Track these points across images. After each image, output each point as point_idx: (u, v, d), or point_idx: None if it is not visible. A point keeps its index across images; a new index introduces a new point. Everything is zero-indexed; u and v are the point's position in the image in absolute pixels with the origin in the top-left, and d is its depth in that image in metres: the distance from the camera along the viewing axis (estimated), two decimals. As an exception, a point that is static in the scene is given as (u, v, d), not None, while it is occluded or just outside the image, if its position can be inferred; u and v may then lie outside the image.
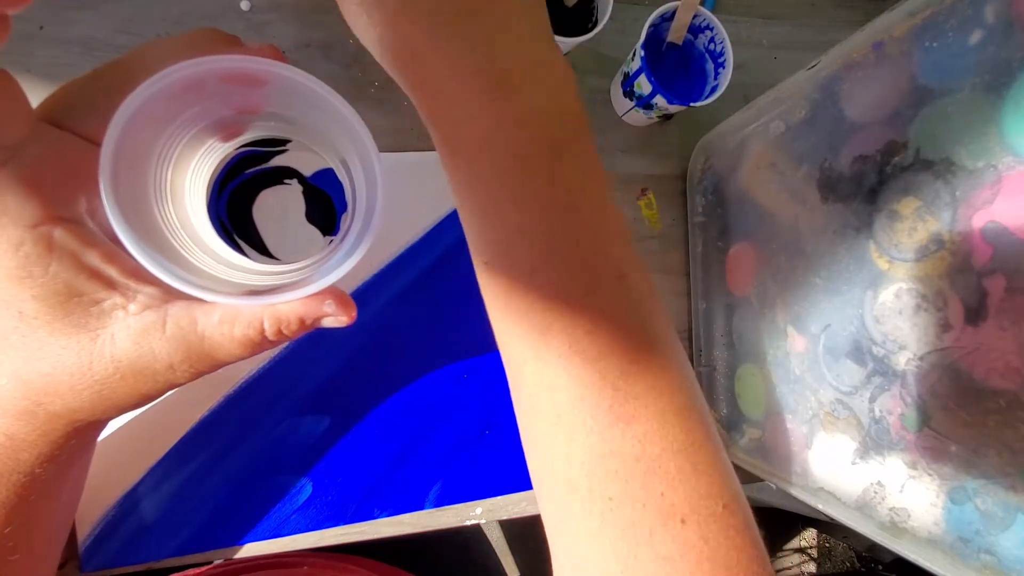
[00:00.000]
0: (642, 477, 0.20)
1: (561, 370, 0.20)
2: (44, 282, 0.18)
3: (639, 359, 0.20)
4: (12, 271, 0.17)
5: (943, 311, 0.26)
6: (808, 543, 1.40)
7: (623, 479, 0.20)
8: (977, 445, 0.25)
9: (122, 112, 0.17)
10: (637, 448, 0.20)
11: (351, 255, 0.20)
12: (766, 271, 0.39)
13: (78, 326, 0.19)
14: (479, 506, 0.41)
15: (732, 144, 0.43)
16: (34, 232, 0.17)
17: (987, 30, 0.24)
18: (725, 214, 0.44)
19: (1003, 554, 0.24)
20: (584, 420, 0.20)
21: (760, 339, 0.40)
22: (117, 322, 0.19)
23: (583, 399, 0.20)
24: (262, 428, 0.38)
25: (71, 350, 0.19)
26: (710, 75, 0.43)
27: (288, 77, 0.19)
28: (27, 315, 0.18)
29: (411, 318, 0.41)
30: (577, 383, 0.20)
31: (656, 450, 0.20)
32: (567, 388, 0.20)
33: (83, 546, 0.34)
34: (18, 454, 0.21)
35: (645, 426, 0.20)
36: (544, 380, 0.21)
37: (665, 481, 0.20)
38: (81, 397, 0.19)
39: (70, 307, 0.18)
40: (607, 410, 0.20)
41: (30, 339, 0.18)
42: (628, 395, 0.20)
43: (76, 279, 0.18)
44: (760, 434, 0.41)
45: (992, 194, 0.24)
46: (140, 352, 0.19)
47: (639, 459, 0.20)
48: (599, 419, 0.20)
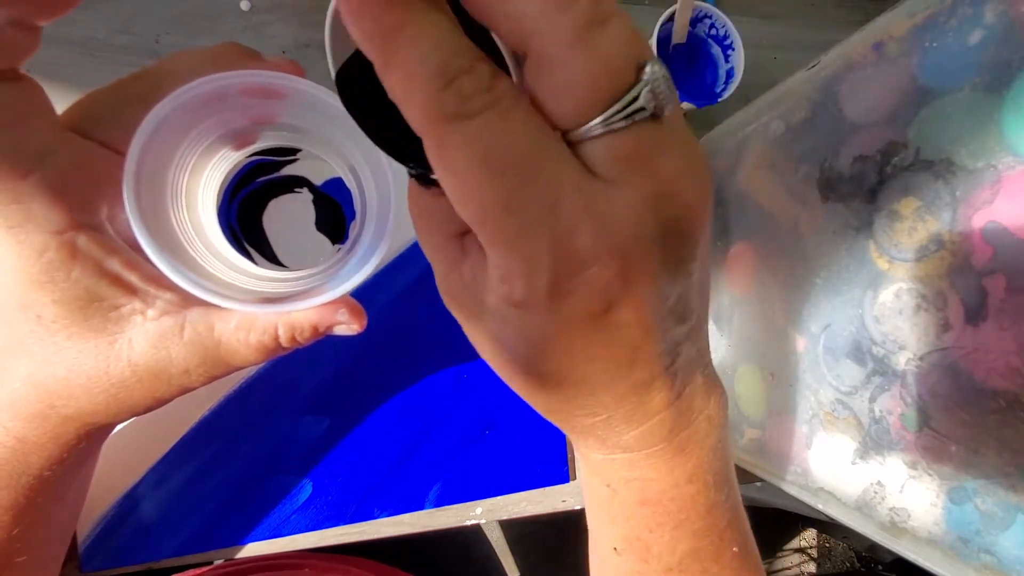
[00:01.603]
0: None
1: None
2: (66, 287, 0.18)
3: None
4: (35, 276, 0.18)
5: (943, 311, 0.26)
6: (808, 543, 1.40)
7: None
8: (977, 445, 0.25)
9: (147, 124, 0.18)
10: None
11: (366, 263, 0.21)
12: (766, 271, 0.39)
13: (97, 330, 0.19)
14: (479, 506, 0.41)
15: (732, 144, 0.43)
16: (58, 238, 0.18)
17: (987, 30, 0.24)
18: (725, 214, 0.44)
19: (1003, 554, 0.24)
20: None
21: (760, 339, 0.40)
22: (136, 327, 0.19)
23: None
24: (262, 428, 0.38)
25: (88, 354, 0.19)
26: (720, 60, 0.43)
27: (306, 91, 0.20)
28: (46, 319, 0.18)
29: (411, 318, 0.41)
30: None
31: None
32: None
33: (83, 546, 0.34)
34: (28, 457, 0.21)
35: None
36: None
37: None
38: (96, 400, 0.20)
39: (90, 312, 0.19)
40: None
41: (47, 343, 0.19)
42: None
43: (97, 285, 0.19)
44: (760, 434, 0.41)
45: (992, 194, 0.24)
46: (157, 356, 0.20)
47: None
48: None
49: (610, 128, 0.13)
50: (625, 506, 0.22)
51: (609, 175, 0.14)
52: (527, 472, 0.41)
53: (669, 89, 0.14)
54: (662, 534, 0.21)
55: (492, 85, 0.13)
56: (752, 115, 0.41)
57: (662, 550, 0.22)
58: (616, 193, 0.14)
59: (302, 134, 0.25)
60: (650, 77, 0.13)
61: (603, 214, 0.14)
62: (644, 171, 0.14)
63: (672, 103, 0.14)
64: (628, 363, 0.17)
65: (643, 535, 0.22)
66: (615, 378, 0.17)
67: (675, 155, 0.15)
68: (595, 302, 0.15)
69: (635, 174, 0.14)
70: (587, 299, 0.15)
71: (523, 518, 0.42)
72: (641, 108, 0.13)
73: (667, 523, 0.21)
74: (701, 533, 0.22)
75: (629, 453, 0.20)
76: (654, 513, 0.21)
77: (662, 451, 0.20)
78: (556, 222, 0.14)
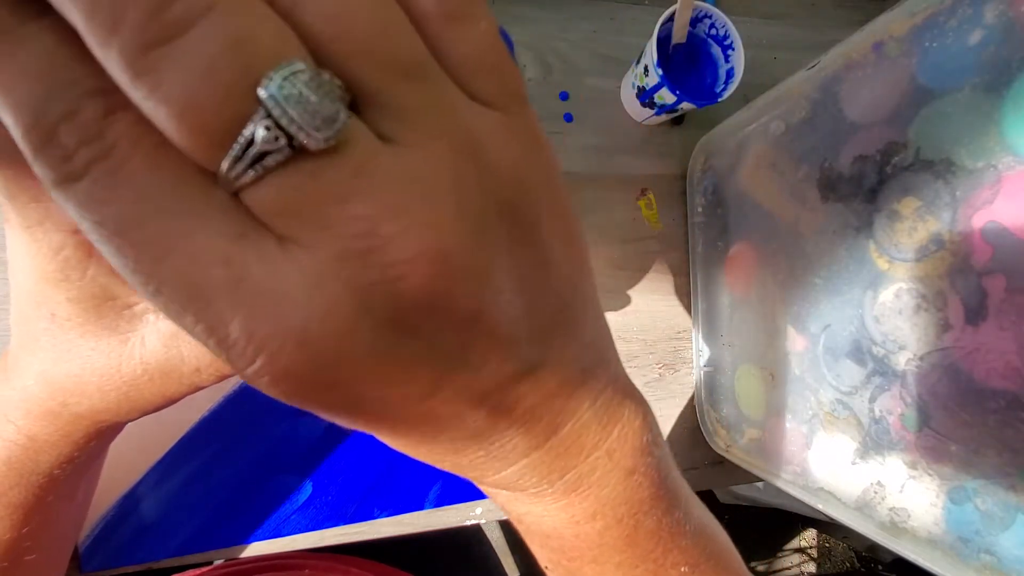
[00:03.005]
0: None
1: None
2: (81, 285, 0.18)
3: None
4: (50, 274, 0.18)
5: (943, 311, 0.26)
6: (808, 543, 1.40)
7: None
8: (977, 445, 0.25)
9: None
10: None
11: None
12: (766, 271, 0.39)
13: (110, 328, 0.19)
14: (479, 506, 0.41)
15: (732, 144, 0.43)
16: (75, 237, 0.18)
17: (987, 30, 0.24)
18: (725, 214, 0.44)
19: (1003, 554, 0.24)
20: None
21: (760, 339, 0.40)
22: (148, 325, 0.19)
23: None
24: (262, 428, 0.38)
25: (101, 351, 0.19)
26: (720, 60, 0.43)
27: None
28: (59, 317, 0.18)
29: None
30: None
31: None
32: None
33: (83, 546, 0.34)
34: (39, 455, 0.21)
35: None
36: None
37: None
38: (108, 398, 0.20)
39: (103, 310, 0.19)
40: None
41: (60, 340, 0.19)
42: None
43: (112, 283, 0.18)
44: (760, 434, 0.41)
45: (992, 194, 0.24)
46: (169, 355, 0.20)
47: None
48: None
49: (256, 176, 0.10)
50: (534, 536, 0.20)
51: (282, 232, 0.10)
52: (527, 472, 0.41)
53: (319, 105, 0.09)
54: (581, 565, 0.20)
55: (102, 130, 0.09)
56: (752, 115, 0.41)
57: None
58: (290, 259, 0.10)
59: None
60: (270, 102, 0.09)
61: (262, 293, 0.10)
62: (322, 225, 0.10)
63: (323, 127, 0.09)
64: (434, 430, 0.14)
65: (563, 562, 0.20)
66: (436, 441, 0.14)
67: (369, 198, 0.10)
68: (291, 395, 0.11)
69: (310, 230, 0.10)
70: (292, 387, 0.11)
71: (523, 518, 0.42)
72: (267, 152, 0.09)
73: (582, 556, 0.19)
74: (628, 564, 0.20)
75: (509, 492, 0.18)
76: (563, 547, 0.19)
77: (545, 493, 0.17)
78: (205, 308, 0.10)
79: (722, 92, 0.41)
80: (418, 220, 0.10)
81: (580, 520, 0.18)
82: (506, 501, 0.19)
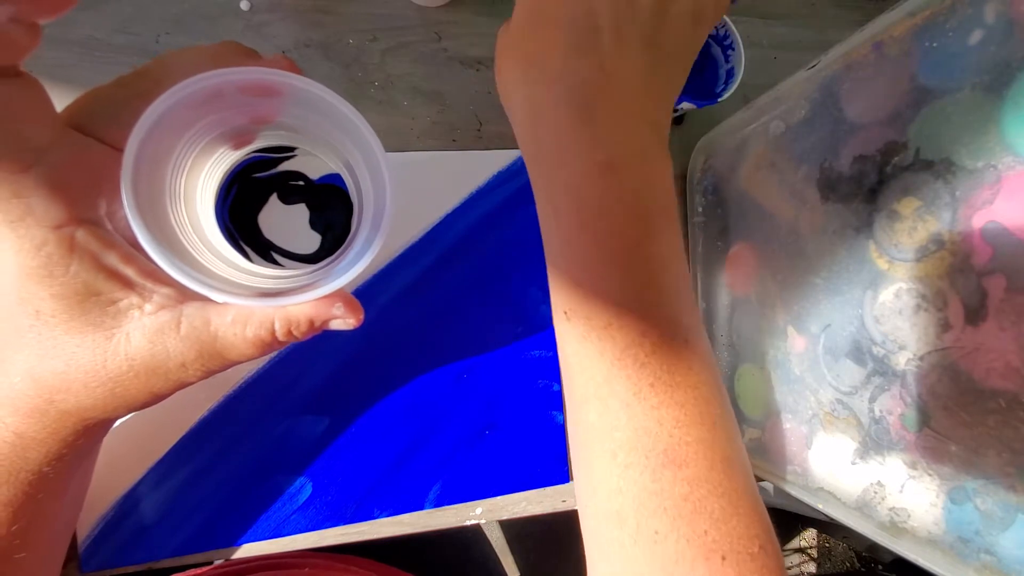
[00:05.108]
0: (688, 515, 0.21)
1: (622, 413, 0.22)
2: (64, 281, 0.18)
3: (694, 414, 0.23)
4: (33, 270, 0.18)
5: (943, 311, 0.26)
6: (808, 543, 1.40)
7: (671, 516, 0.21)
8: (977, 445, 0.25)
9: (145, 120, 0.18)
10: (685, 489, 0.21)
11: (361, 258, 0.21)
12: (766, 271, 0.39)
13: (94, 325, 0.19)
14: (479, 506, 0.41)
15: (732, 144, 0.43)
16: (57, 233, 0.18)
17: (987, 30, 0.24)
18: (725, 214, 0.44)
19: (1003, 554, 0.24)
20: (639, 459, 0.22)
21: (760, 339, 0.40)
22: (133, 321, 0.19)
23: (640, 441, 0.22)
24: (262, 428, 0.38)
25: (86, 348, 0.19)
26: (720, 60, 0.43)
27: (302, 88, 0.20)
28: (44, 313, 0.18)
29: (411, 318, 0.41)
30: (636, 426, 0.22)
31: (703, 492, 0.21)
32: (626, 429, 0.22)
33: (83, 546, 0.34)
34: (27, 452, 0.21)
35: (695, 470, 0.22)
36: (605, 419, 0.23)
37: (709, 521, 0.21)
38: (94, 395, 0.20)
39: (88, 306, 0.19)
40: (661, 453, 0.22)
41: (45, 337, 0.19)
42: (682, 442, 0.22)
43: (95, 279, 0.19)
44: (760, 434, 0.41)
45: (992, 194, 0.24)
46: (154, 351, 0.20)
47: (686, 499, 0.21)
48: (653, 460, 0.22)
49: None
50: (568, 230, 0.24)
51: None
52: (527, 472, 0.41)
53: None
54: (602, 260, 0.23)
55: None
56: (752, 115, 0.41)
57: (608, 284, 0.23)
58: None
59: (298, 132, 0.25)
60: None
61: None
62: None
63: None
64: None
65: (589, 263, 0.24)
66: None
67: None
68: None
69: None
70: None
71: (523, 518, 0.42)
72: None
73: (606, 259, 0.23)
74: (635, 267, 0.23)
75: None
76: (595, 239, 0.23)
77: (594, 168, 0.23)
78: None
79: (722, 92, 0.41)
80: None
81: (619, 199, 0.23)
82: (559, 187, 0.24)
